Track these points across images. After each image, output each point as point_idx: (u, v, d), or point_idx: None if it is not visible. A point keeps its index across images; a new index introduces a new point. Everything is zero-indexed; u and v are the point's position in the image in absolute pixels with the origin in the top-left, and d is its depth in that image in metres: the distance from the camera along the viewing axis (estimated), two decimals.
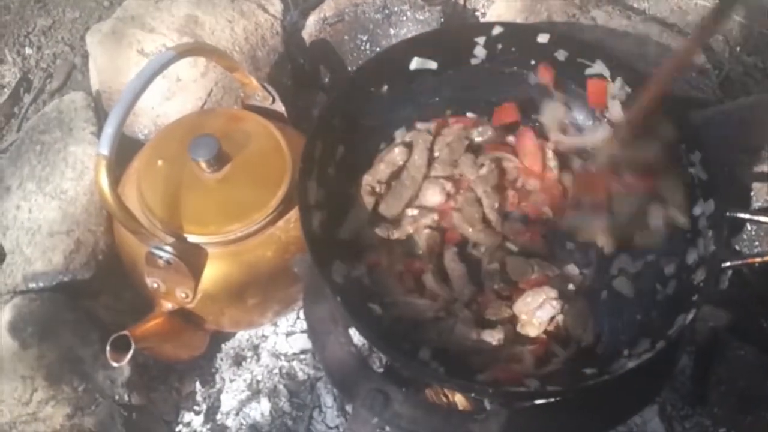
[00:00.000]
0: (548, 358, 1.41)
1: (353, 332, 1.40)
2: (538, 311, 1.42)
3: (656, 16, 1.99)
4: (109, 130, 1.29)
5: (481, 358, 1.37)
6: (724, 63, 1.98)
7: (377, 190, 1.54)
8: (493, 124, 1.65)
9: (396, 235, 1.51)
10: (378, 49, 1.94)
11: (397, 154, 1.57)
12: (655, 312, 1.40)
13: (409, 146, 1.59)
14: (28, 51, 2.33)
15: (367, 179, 1.55)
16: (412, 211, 1.53)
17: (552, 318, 1.42)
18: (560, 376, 1.36)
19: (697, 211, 1.41)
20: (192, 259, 1.47)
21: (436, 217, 1.52)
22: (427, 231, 1.51)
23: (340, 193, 1.53)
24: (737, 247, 1.67)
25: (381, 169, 1.56)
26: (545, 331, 1.43)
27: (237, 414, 1.67)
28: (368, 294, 1.44)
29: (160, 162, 1.56)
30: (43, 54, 2.33)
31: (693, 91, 1.84)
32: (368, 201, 1.52)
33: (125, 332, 1.36)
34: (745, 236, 1.66)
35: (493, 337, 1.38)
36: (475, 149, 1.62)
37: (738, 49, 2.00)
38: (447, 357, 1.38)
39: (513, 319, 1.45)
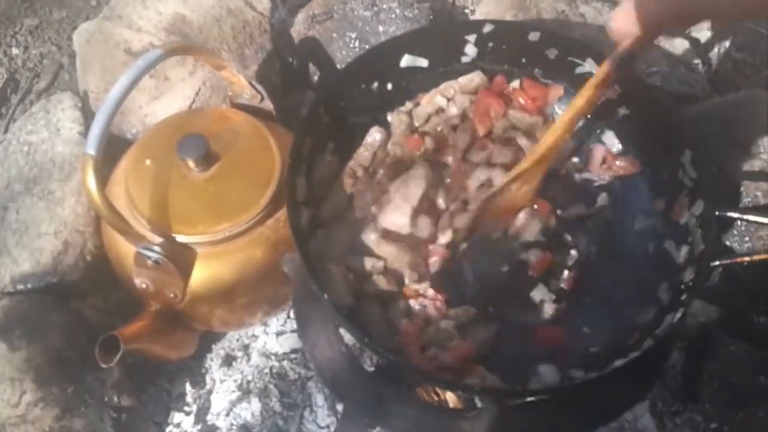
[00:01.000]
0: None
1: (344, 331, 1.40)
2: None
3: None
4: (96, 129, 1.28)
5: None
6: (713, 59, 1.98)
7: (358, 174, 1.54)
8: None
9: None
10: (367, 46, 1.93)
11: (374, 136, 1.57)
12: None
13: (385, 127, 1.61)
14: (14, 51, 2.32)
15: (350, 164, 1.55)
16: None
17: None
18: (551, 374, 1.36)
19: (686, 213, 1.42)
20: (181, 259, 1.46)
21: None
22: None
23: (330, 190, 1.52)
24: (728, 243, 1.67)
25: (361, 153, 1.56)
26: None
27: (227, 414, 1.66)
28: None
29: (148, 161, 1.54)
30: (30, 54, 2.32)
31: (682, 86, 1.84)
32: (348, 183, 1.52)
33: (114, 333, 1.35)
34: (735, 232, 1.66)
35: None
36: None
37: (727, 44, 2.00)
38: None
39: None
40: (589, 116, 1.61)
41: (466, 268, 1.51)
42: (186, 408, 1.69)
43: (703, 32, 1.97)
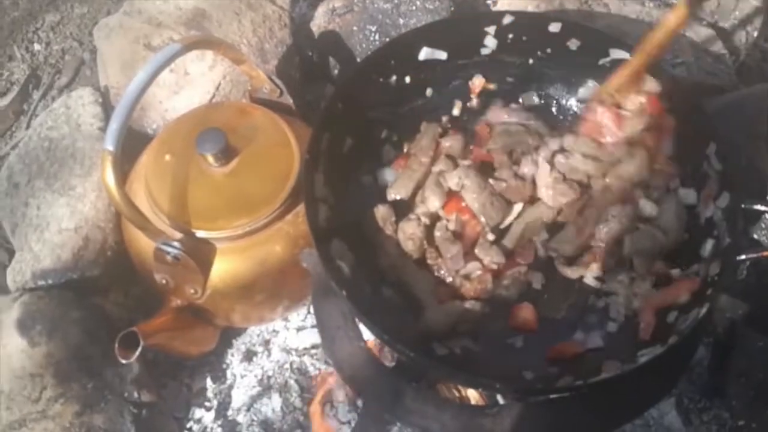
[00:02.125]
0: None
1: (363, 327, 1.39)
2: None
3: (670, 2, 1.96)
4: (114, 125, 1.28)
5: None
6: (741, 49, 1.94)
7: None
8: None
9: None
10: (387, 39, 1.91)
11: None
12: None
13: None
14: (36, 47, 2.33)
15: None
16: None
17: None
18: (574, 370, 1.34)
19: (712, 206, 1.38)
20: (200, 255, 1.46)
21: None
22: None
23: (348, 185, 1.51)
24: (755, 236, 1.64)
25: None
26: None
27: (248, 410, 1.66)
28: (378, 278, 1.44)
29: (167, 157, 1.54)
30: (52, 50, 2.33)
31: (709, 77, 1.81)
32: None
33: (134, 329, 1.35)
34: (763, 225, 1.63)
35: None
36: None
37: (755, 34, 1.96)
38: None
39: None
40: None
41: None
42: (206, 403, 1.69)
43: (730, 22, 1.94)
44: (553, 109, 1.68)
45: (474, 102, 1.67)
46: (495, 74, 1.66)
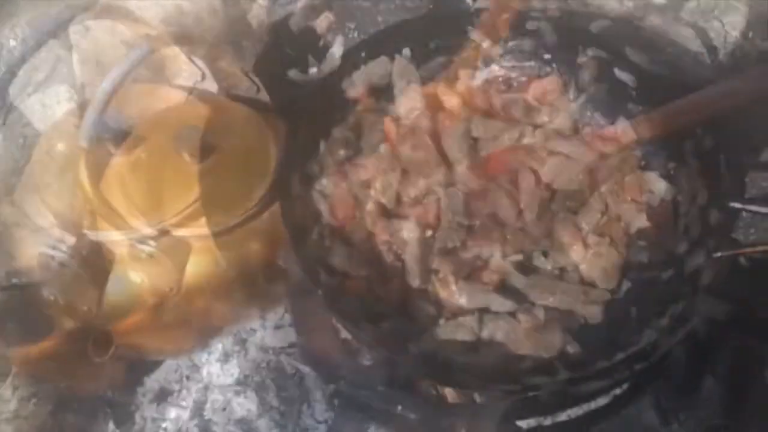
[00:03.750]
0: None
1: (340, 326, 1.38)
2: None
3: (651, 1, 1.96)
4: (88, 122, 1.28)
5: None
6: (719, 48, 1.94)
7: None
8: None
9: None
10: (366, 37, 1.90)
11: None
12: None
13: None
14: (12, 43, 2.30)
15: None
16: None
17: None
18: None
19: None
20: (176, 253, 1.45)
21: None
22: None
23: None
24: (732, 234, 1.64)
25: None
26: None
27: (224, 409, 1.64)
28: None
29: (143, 154, 1.53)
30: (28, 46, 2.29)
31: (686, 76, 1.81)
32: None
33: (107, 328, 1.34)
34: (740, 222, 1.63)
35: None
36: None
37: (734, 33, 1.96)
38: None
39: None
40: None
41: None
42: (182, 403, 1.68)
43: (710, 23, 1.94)
44: None
45: None
46: None
